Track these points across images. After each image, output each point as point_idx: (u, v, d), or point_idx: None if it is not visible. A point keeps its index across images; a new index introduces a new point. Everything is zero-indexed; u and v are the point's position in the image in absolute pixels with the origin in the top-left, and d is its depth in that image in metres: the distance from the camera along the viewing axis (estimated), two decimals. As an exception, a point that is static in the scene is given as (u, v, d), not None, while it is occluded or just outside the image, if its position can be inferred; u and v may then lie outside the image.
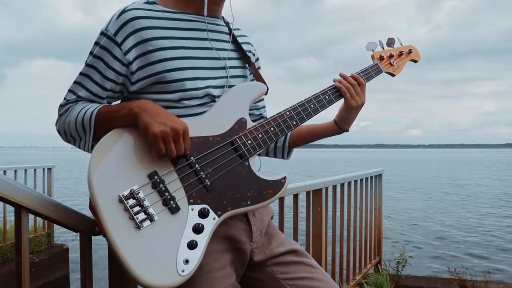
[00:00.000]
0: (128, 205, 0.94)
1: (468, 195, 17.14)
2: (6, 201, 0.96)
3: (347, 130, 1.33)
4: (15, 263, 1.01)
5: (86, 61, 1.10)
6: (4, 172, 5.44)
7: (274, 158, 1.43)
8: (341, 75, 1.27)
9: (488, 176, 28.54)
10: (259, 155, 1.43)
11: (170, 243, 0.95)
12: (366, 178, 3.68)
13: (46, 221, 5.30)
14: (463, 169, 36.90)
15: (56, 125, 1.14)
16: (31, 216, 1.23)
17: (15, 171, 5.58)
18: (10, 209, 1.06)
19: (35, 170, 5.80)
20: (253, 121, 1.17)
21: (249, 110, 1.35)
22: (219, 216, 1.02)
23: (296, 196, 2.42)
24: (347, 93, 1.25)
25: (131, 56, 1.05)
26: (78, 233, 1.16)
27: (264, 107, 1.39)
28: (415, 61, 1.48)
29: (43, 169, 5.94)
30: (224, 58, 1.17)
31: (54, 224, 5.04)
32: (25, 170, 5.71)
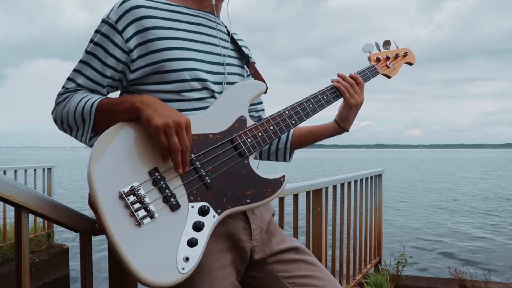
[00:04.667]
0: (128, 202, 0.93)
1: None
2: (6, 201, 0.96)
3: (348, 130, 1.35)
4: (15, 263, 1.01)
5: (86, 49, 1.09)
6: (4, 172, 5.44)
7: (275, 161, 1.43)
8: (339, 75, 1.30)
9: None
10: (260, 158, 1.43)
11: (171, 240, 0.95)
12: (366, 178, 3.68)
13: (46, 221, 5.31)
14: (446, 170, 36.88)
15: (52, 113, 1.12)
16: (31, 216, 1.23)
17: (15, 171, 5.57)
18: (10, 209, 1.06)
19: (35, 170, 5.80)
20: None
21: (248, 112, 1.36)
22: (219, 214, 1.02)
23: (296, 196, 2.42)
24: (346, 92, 1.27)
25: (132, 44, 1.05)
26: (78, 233, 1.16)
27: (263, 110, 1.39)
28: (410, 64, 1.50)
29: (43, 169, 5.94)
30: (224, 55, 1.18)
31: (54, 224, 5.04)
32: (25, 170, 5.71)
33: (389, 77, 1.44)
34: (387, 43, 1.44)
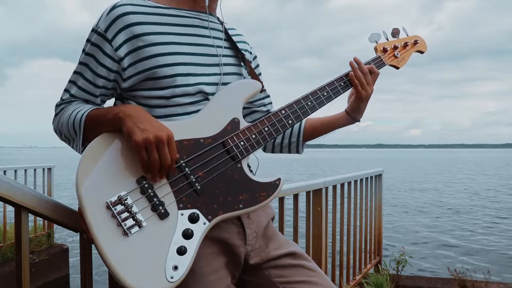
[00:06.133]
0: (115, 212, 0.92)
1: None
2: (6, 201, 0.96)
3: (359, 120, 1.32)
4: (15, 263, 1.01)
5: (79, 59, 1.09)
6: (4, 172, 5.45)
7: (287, 153, 1.41)
8: (355, 60, 1.26)
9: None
10: (272, 151, 1.42)
11: (159, 249, 0.94)
12: (366, 178, 3.68)
13: (46, 221, 5.31)
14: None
15: (53, 124, 1.13)
16: (31, 216, 1.23)
17: (15, 171, 5.58)
18: (10, 209, 1.06)
19: (35, 170, 5.81)
20: (260, 118, 1.14)
21: (256, 107, 1.33)
22: (209, 220, 0.99)
23: (296, 196, 2.42)
24: (359, 85, 1.24)
25: (122, 52, 1.04)
26: (78, 233, 1.16)
27: (270, 103, 1.37)
28: (422, 52, 1.42)
29: (43, 169, 5.95)
30: (219, 55, 1.15)
31: (54, 224, 5.04)
32: (25, 170, 5.71)
33: (397, 67, 1.36)
34: (395, 32, 1.35)
